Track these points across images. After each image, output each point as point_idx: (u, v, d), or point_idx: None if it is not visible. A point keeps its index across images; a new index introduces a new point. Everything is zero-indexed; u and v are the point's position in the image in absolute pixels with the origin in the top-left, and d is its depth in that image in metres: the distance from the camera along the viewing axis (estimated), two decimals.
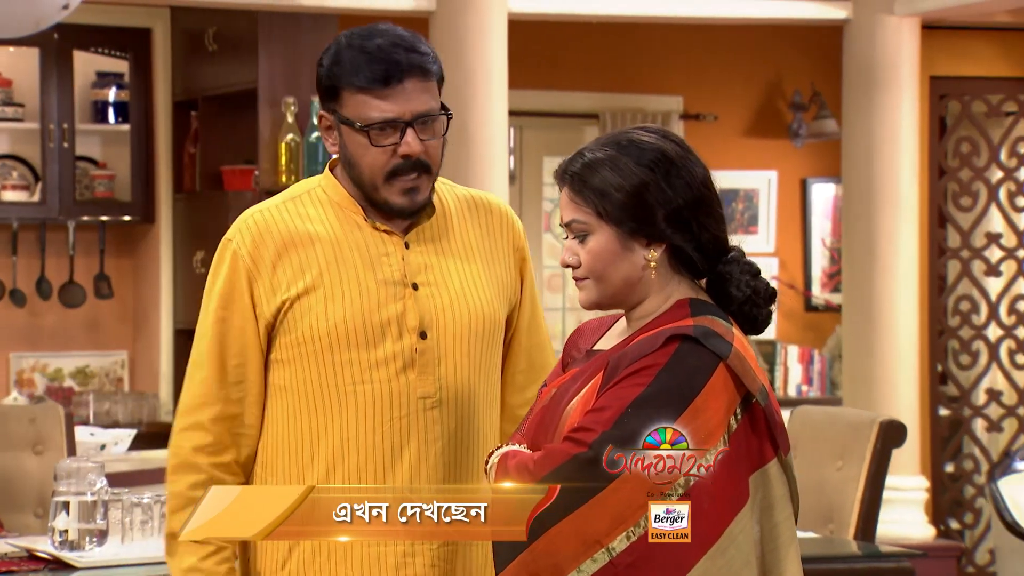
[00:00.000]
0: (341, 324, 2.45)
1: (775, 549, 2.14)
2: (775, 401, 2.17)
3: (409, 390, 2.47)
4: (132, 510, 3.37)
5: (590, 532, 2.07)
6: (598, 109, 7.63)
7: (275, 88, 6.30)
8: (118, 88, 6.83)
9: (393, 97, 2.42)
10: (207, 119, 6.70)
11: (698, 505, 2.08)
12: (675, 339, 2.12)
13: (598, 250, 2.19)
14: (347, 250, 2.49)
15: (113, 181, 6.85)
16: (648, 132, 2.21)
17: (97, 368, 6.92)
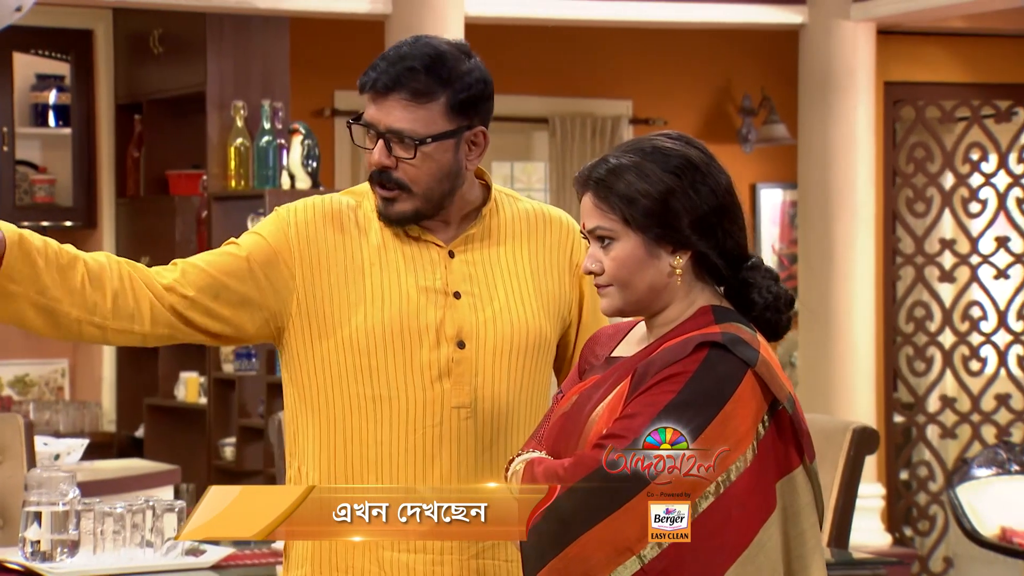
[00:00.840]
0: (379, 327, 2.47)
1: (801, 556, 2.19)
2: (800, 408, 2.22)
3: (444, 399, 2.49)
4: (104, 520, 3.37)
5: (621, 539, 2.10)
6: (547, 114, 7.68)
7: (224, 91, 6.30)
8: (59, 91, 6.80)
9: (376, 105, 2.46)
10: (152, 123, 6.69)
11: (727, 512, 2.12)
12: (704, 346, 2.16)
13: (623, 257, 2.22)
14: (391, 253, 2.51)
15: (54, 186, 6.82)
16: (671, 139, 2.24)
17: (37, 377, 6.89)
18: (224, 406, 6.30)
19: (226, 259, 2.50)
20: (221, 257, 2.51)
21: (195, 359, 6.46)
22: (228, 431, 6.29)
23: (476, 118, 2.49)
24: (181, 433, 6.50)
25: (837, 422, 4.08)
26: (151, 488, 5.00)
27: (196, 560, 3.44)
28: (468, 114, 2.47)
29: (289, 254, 2.50)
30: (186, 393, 6.40)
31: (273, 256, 2.50)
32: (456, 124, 2.46)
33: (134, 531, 3.42)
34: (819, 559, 2.21)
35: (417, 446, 2.48)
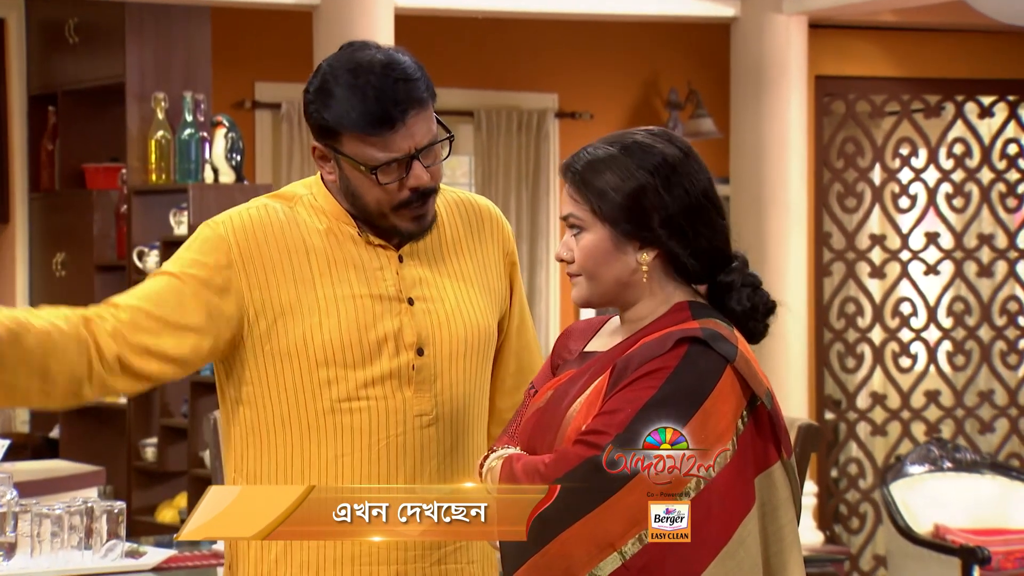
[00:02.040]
0: (336, 339, 2.47)
1: (780, 552, 2.24)
2: (778, 404, 2.28)
3: (406, 408, 2.51)
4: (42, 522, 3.37)
5: (603, 535, 2.15)
6: (472, 107, 7.72)
7: (144, 82, 6.28)
8: None
9: (397, 138, 2.45)
10: (67, 114, 6.65)
11: (708, 508, 2.17)
12: (684, 342, 2.21)
13: (591, 248, 2.28)
14: (341, 263, 2.52)
15: None
16: (654, 135, 2.30)
17: None
18: (145, 406, 6.28)
19: (166, 292, 2.46)
20: (160, 291, 2.46)
21: None
22: (149, 431, 6.27)
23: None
24: (99, 434, 6.47)
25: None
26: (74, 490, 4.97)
27: (136, 562, 3.45)
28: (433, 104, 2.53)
29: (235, 275, 2.48)
30: None
31: (218, 279, 2.47)
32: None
33: (72, 533, 3.42)
34: (797, 554, 2.26)
35: (380, 457, 2.50)
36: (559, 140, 7.87)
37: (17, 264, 6.79)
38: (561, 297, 7.87)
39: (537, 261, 7.73)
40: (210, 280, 2.48)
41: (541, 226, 7.76)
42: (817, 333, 7.53)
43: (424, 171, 2.47)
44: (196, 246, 2.51)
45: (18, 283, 6.79)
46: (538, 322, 7.72)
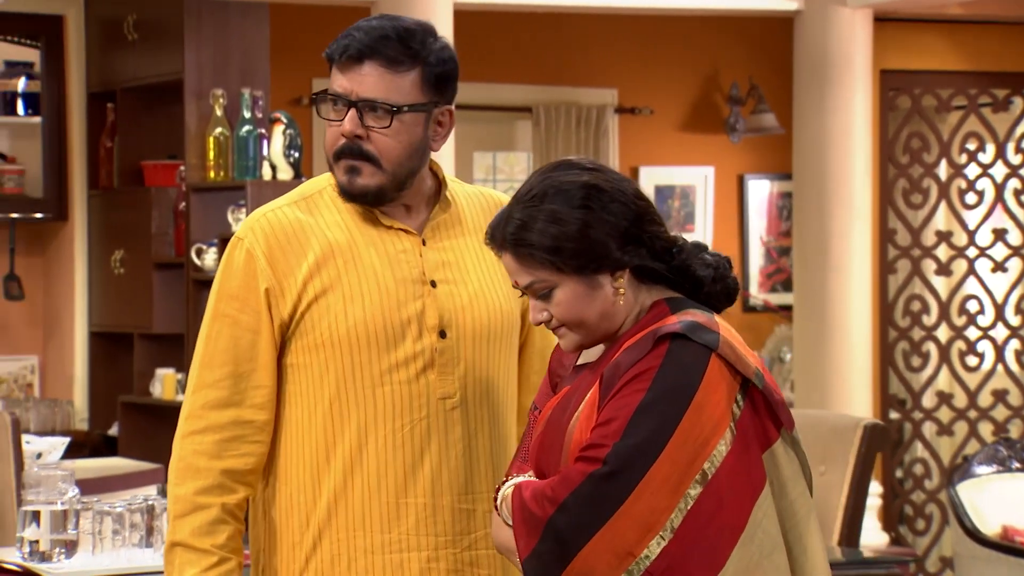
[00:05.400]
0: (361, 324, 2.51)
1: (795, 525, 2.27)
2: (772, 380, 2.30)
3: (429, 391, 2.54)
4: (103, 519, 3.40)
5: (621, 544, 2.18)
6: (531, 102, 7.72)
7: (202, 79, 6.32)
8: (28, 79, 6.80)
9: (348, 75, 2.50)
10: (126, 111, 6.70)
11: (719, 497, 2.20)
12: (665, 339, 2.23)
13: (568, 301, 2.29)
14: (364, 248, 2.55)
15: (23, 176, 6.82)
16: (560, 170, 2.30)
17: (6, 374, 6.89)
18: None
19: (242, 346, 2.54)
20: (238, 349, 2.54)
21: (172, 355, 6.47)
22: None
23: (445, 96, 2.56)
24: (158, 431, 6.51)
25: (847, 419, 4.14)
26: (134, 488, 5.02)
27: None
28: (439, 90, 2.54)
29: (269, 291, 2.54)
30: (163, 390, 6.41)
31: (257, 303, 2.54)
32: (428, 98, 2.52)
33: (133, 530, 3.45)
34: (814, 525, 2.29)
35: (405, 441, 2.53)
36: (618, 136, 7.86)
37: (76, 261, 6.85)
38: None
39: None
40: (252, 299, 2.55)
41: None
42: (882, 331, 7.48)
43: (354, 122, 2.50)
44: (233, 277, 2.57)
45: (76, 280, 6.86)
46: None
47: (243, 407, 2.53)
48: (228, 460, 2.52)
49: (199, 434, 2.53)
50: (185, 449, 2.54)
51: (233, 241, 2.59)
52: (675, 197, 7.98)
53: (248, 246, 2.56)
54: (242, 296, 2.54)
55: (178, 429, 2.57)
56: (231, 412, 2.53)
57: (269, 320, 2.54)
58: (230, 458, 2.52)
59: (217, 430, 2.53)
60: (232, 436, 2.53)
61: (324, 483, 2.53)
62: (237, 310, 2.55)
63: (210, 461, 2.52)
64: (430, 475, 2.54)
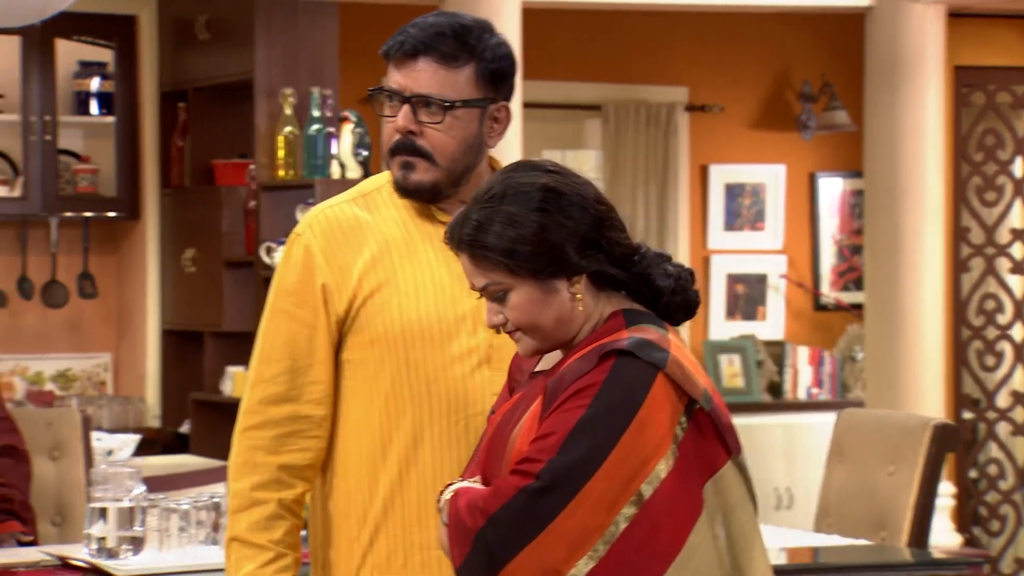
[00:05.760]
0: (416, 320, 2.52)
1: (744, 551, 2.21)
2: (721, 403, 2.24)
3: (485, 386, 2.54)
4: (170, 517, 3.42)
5: (548, 562, 2.13)
6: (600, 100, 7.71)
7: (272, 78, 6.35)
8: (102, 78, 6.87)
9: (403, 70, 2.51)
10: (197, 111, 6.74)
11: (655, 520, 2.14)
12: (611, 355, 2.18)
13: (522, 304, 2.23)
14: (420, 244, 2.56)
15: (97, 176, 6.88)
16: (518, 171, 2.25)
17: (79, 371, 6.96)
18: None
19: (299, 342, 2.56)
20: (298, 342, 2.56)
21: (242, 353, 6.51)
22: None
23: (501, 92, 2.56)
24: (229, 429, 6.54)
25: (916, 418, 4.10)
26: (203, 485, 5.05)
27: None
28: (495, 86, 2.54)
29: (325, 287, 2.55)
30: (233, 388, 6.45)
31: (314, 298, 2.55)
32: (483, 94, 2.52)
33: (199, 528, 3.47)
34: (760, 550, 2.23)
35: (461, 437, 2.53)
36: (688, 134, 7.83)
37: (148, 260, 6.91)
38: None
39: None
40: (310, 295, 2.55)
41: (669, 222, 7.72)
42: (955, 330, 7.40)
43: (408, 118, 2.50)
44: (291, 273, 2.58)
45: (148, 279, 6.91)
46: None
47: (300, 402, 2.54)
48: (285, 455, 2.53)
49: (257, 429, 2.54)
50: (243, 444, 2.56)
51: (291, 237, 2.61)
52: (745, 195, 7.94)
53: (306, 242, 2.57)
54: (299, 292, 2.55)
55: (237, 424, 2.59)
56: (288, 407, 2.53)
57: (326, 316, 2.55)
58: (287, 453, 2.53)
59: (274, 425, 2.53)
60: (289, 431, 2.53)
61: (380, 479, 2.53)
62: (294, 305, 2.56)
63: (267, 456, 2.53)
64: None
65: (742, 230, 7.93)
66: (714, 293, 7.87)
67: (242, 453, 2.55)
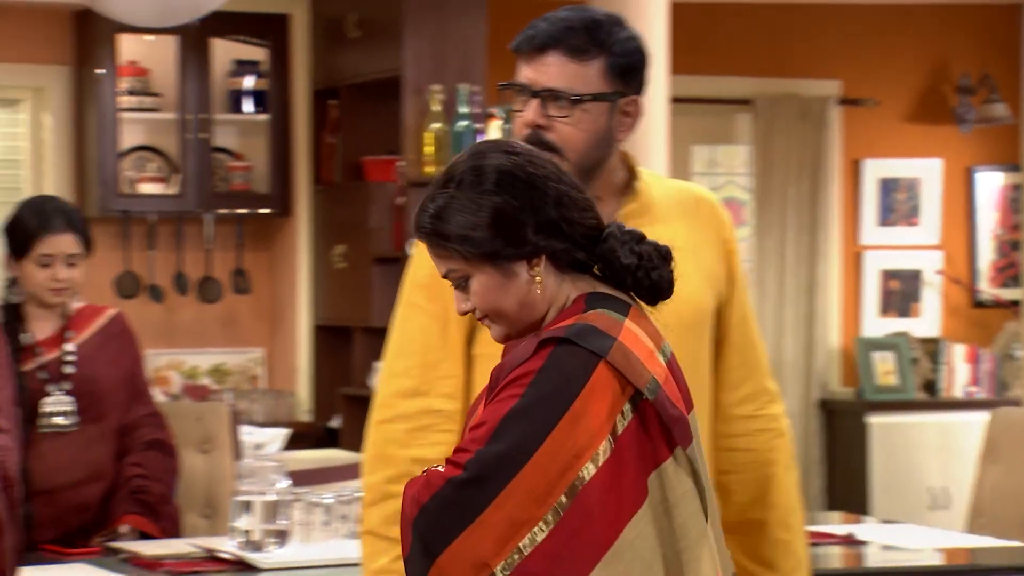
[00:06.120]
0: None
1: (686, 548, 2.13)
2: (673, 392, 2.16)
3: None
4: (313, 511, 3.46)
5: (477, 555, 2.08)
6: (751, 95, 7.64)
7: (421, 76, 6.39)
8: (256, 77, 6.98)
9: (532, 64, 2.51)
10: (348, 108, 6.82)
11: (587, 512, 2.09)
12: (549, 343, 2.13)
13: (483, 290, 2.18)
14: None
15: (250, 173, 6.99)
16: (476, 155, 2.18)
17: (233, 366, 7.07)
18: None
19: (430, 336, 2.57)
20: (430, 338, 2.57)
21: None
22: None
23: (631, 87, 2.54)
24: None
25: None
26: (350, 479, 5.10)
27: None
28: (625, 81, 2.53)
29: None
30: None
31: (445, 292, 2.50)
32: (613, 88, 2.52)
33: (342, 522, 3.50)
34: (707, 546, 2.15)
35: None
36: (842, 128, 7.72)
37: (299, 256, 7.00)
38: (843, 290, 7.73)
39: (818, 252, 7.59)
40: (443, 288, 2.50)
41: (820, 217, 7.63)
42: None
43: (536, 112, 2.48)
44: (418, 259, 2.60)
45: (299, 275, 7.01)
46: (819, 315, 7.59)
47: (432, 396, 2.54)
48: (417, 448, 2.54)
49: (389, 423, 2.55)
50: (376, 438, 2.57)
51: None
52: (900, 190, 7.81)
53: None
54: (431, 286, 2.56)
55: (371, 417, 2.60)
56: (420, 401, 2.54)
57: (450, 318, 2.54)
58: (420, 447, 2.54)
59: (406, 419, 2.54)
60: (422, 425, 2.54)
61: None
62: (426, 299, 2.57)
63: (399, 449, 2.54)
64: None
65: (896, 225, 7.81)
66: (867, 289, 7.76)
67: (375, 446, 2.56)
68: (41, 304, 4.08)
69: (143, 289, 6.84)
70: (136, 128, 6.81)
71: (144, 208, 6.76)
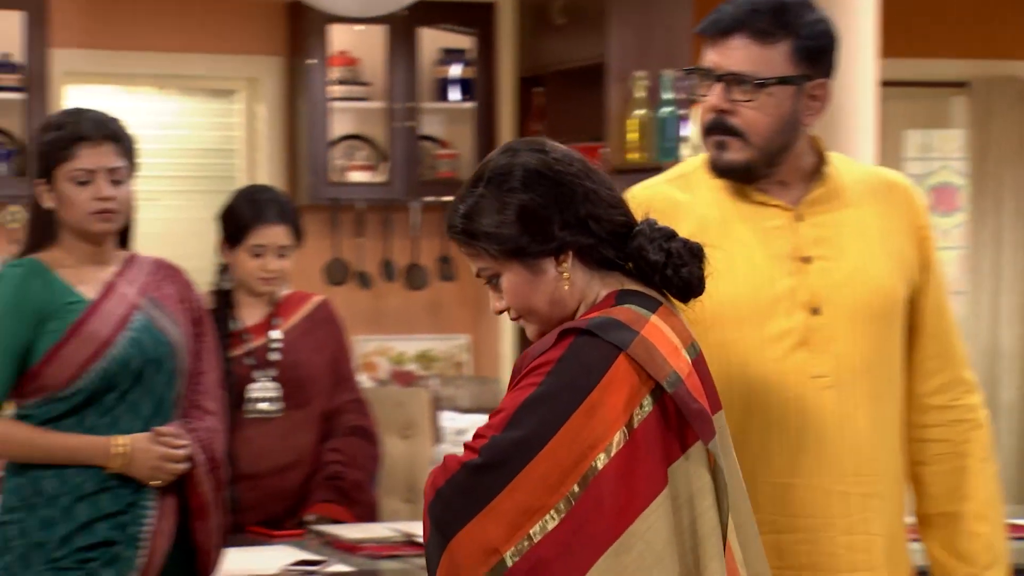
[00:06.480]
0: (730, 301, 2.49)
1: (699, 543, 2.13)
2: (696, 387, 2.15)
3: (802, 368, 2.49)
4: None
5: (487, 540, 2.10)
6: (968, 77, 7.46)
7: (625, 62, 6.38)
8: (463, 65, 7.04)
9: (717, 48, 2.50)
10: (553, 95, 6.84)
11: (598, 502, 2.09)
12: (570, 333, 2.14)
13: (513, 287, 2.21)
14: (736, 224, 2.54)
15: (456, 160, 7.07)
16: (505, 153, 2.23)
17: (440, 352, 7.16)
18: None
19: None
20: None
21: None
22: None
23: (819, 70, 2.50)
24: None
25: None
26: None
27: None
28: (812, 64, 2.49)
29: None
30: None
31: None
32: (799, 71, 2.48)
33: None
34: (715, 543, 2.14)
35: (775, 422, 2.48)
36: None
37: None
38: None
39: None
40: None
41: None
42: None
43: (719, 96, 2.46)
44: None
45: None
46: None
47: None
48: None
49: None
50: None
51: None
52: None
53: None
54: None
55: None
56: None
57: None
58: None
59: None
60: None
61: None
62: None
63: None
64: (804, 456, 2.48)
65: None
66: None
67: None
68: (251, 292, 4.18)
69: (351, 276, 6.96)
70: (345, 117, 6.93)
71: (353, 196, 6.88)
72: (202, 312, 3.54)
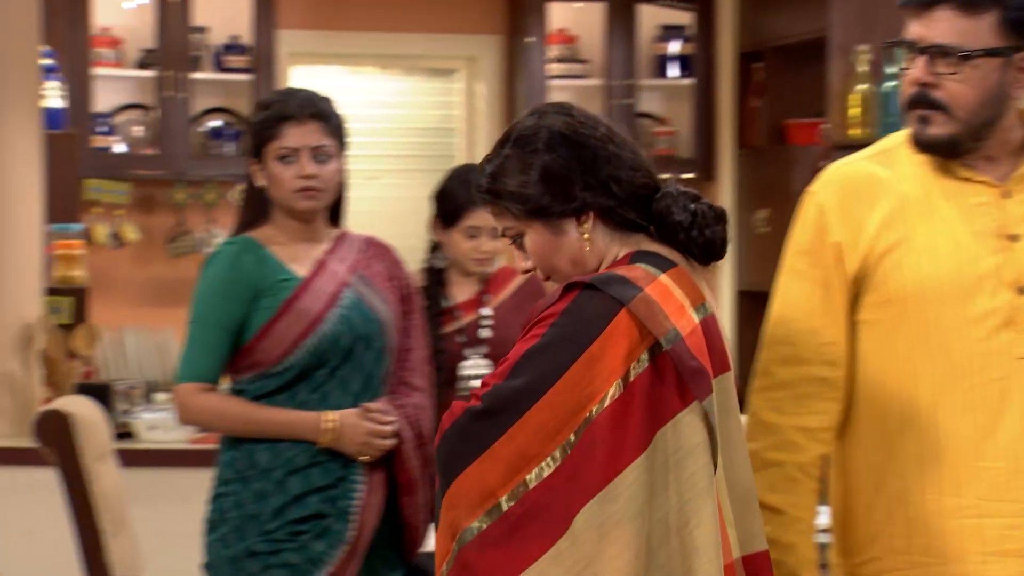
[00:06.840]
0: (933, 279, 2.44)
1: (692, 499, 2.16)
2: (698, 344, 2.15)
3: (1008, 350, 2.43)
4: None
5: (485, 485, 2.18)
6: None
7: (848, 36, 6.26)
8: (683, 41, 7.01)
9: (921, 20, 2.45)
10: (773, 70, 6.76)
11: (590, 448, 2.15)
12: (574, 288, 2.21)
13: (536, 247, 2.30)
14: (939, 201, 2.48)
15: (674, 138, 7.04)
16: (532, 115, 2.32)
17: None
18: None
19: (813, 302, 2.54)
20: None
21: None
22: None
23: None
24: None
25: None
26: None
27: None
28: (1021, 35, 2.42)
29: (839, 245, 2.50)
30: None
31: (827, 257, 2.52)
32: (1007, 43, 2.41)
33: None
34: (710, 501, 2.15)
35: (977, 403, 2.41)
36: None
37: None
38: None
39: None
40: (822, 254, 2.52)
41: None
42: None
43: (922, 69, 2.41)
44: (800, 224, 2.59)
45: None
46: None
47: (814, 364, 2.51)
48: (799, 417, 2.51)
49: (769, 390, 2.54)
50: (756, 405, 2.56)
51: (807, 195, 2.61)
52: None
53: (819, 200, 2.56)
54: (813, 251, 2.53)
55: (752, 384, 2.59)
56: (801, 368, 2.51)
57: (839, 275, 2.51)
58: (801, 415, 2.51)
59: (786, 386, 2.52)
60: (803, 393, 2.51)
61: (896, 444, 2.47)
62: (808, 265, 2.54)
63: (780, 417, 2.51)
64: (1008, 439, 2.42)
65: None
66: None
67: (756, 414, 2.55)
68: (463, 272, 4.22)
69: None
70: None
71: None
72: (411, 290, 3.59)
